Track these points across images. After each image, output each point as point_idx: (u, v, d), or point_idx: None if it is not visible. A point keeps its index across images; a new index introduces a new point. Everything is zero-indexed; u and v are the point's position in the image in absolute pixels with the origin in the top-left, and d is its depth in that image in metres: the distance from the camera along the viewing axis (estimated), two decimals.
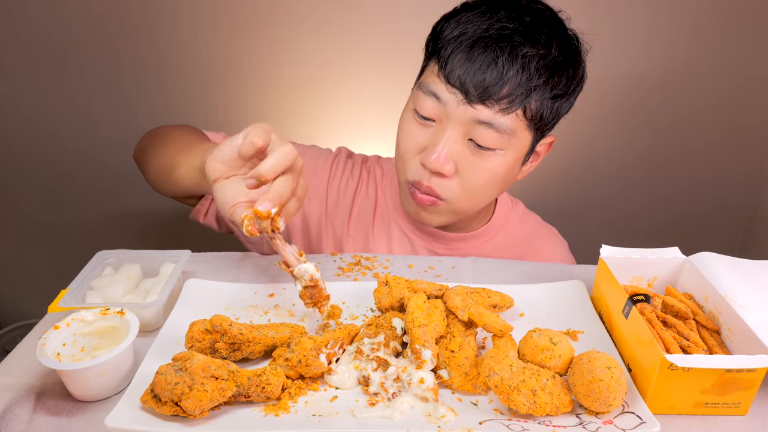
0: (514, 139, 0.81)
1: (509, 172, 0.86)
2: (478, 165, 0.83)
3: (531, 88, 0.78)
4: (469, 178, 0.84)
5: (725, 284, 0.71)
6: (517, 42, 0.77)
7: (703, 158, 1.91)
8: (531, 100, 0.79)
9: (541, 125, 0.84)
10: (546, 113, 0.82)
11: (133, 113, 1.91)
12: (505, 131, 0.80)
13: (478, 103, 0.78)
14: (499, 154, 0.82)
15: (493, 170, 0.83)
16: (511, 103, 0.78)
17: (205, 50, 1.81)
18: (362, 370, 0.63)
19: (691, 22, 1.70)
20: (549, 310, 0.76)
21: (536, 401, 0.56)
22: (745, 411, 0.59)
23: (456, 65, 0.78)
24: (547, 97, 0.80)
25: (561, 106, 0.83)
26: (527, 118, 0.81)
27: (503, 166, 0.84)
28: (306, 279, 0.69)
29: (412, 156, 0.86)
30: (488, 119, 0.79)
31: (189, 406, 0.54)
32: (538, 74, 0.78)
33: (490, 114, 0.78)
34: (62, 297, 0.69)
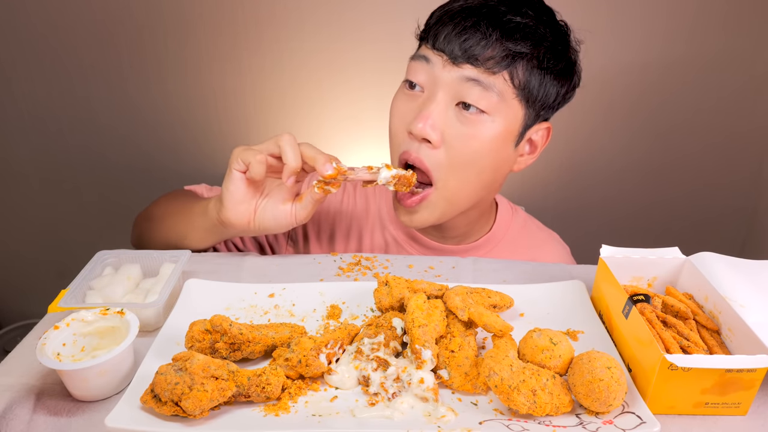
0: (503, 104, 0.81)
1: (499, 148, 0.84)
2: (465, 133, 0.81)
3: (516, 53, 0.79)
4: (456, 146, 0.82)
5: (725, 284, 0.71)
6: (501, 11, 0.79)
7: (703, 159, 1.92)
8: (517, 65, 0.79)
9: (532, 100, 0.82)
10: (535, 85, 0.81)
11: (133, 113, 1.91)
12: (493, 90, 0.79)
13: (464, 63, 0.79)
14: (487, 120, 0.81)
15: (481, 139, 0.81)
16: (497, 64, 0.79)
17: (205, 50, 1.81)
18: (362, 370, 0.63)
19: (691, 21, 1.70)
20: (549, 310, 0.76)
21: (536, 401, 0.56)
22: (745, 411, 0.59)
23: (441, 31, 0.81)
24: (534, 67, 0.80)
25: (550, 84, 0.83)
26: (515, 86, 0.80)
27: (492, 136, 0.82)
28: (390, 179, 0.80)
29: (402, 129, 0.85)
30: (475, 76, 0.79)
31: (189, 406, 0.54)
32: (523, 41, 0.79)
33: (476, 72, 0.79)
34: (62, 297, 0.69)
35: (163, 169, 2.00)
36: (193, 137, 1.95)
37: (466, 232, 1.00)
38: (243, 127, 1.93)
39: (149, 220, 0.99)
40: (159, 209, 0.98)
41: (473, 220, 0.98)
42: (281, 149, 0.78)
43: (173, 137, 1.95)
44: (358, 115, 1.86)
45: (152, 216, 0.99)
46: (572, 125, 1.86)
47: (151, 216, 0.99)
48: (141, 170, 2.00)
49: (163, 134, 1.95)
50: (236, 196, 0.80)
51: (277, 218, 0.83)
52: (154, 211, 0.99)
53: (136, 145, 1.96)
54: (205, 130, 1.94)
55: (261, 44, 1.79)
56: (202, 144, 1.96)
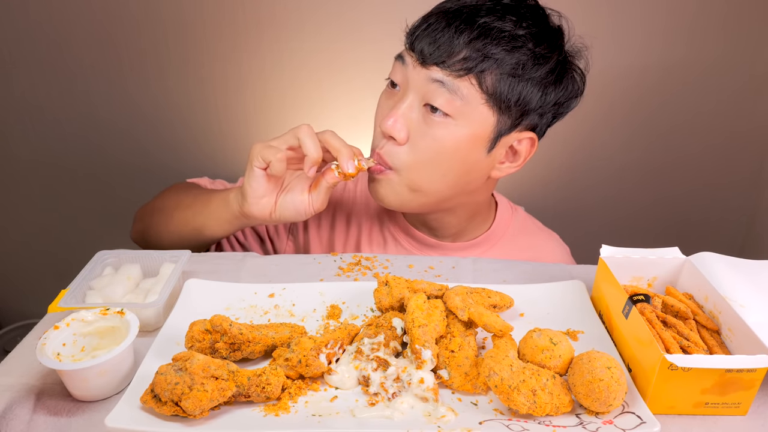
0: (468, 109, 0.80)
1: (466, 152, 0.83)
2: (428, 133, 0.82)
3: (485, 56, 0.77)
4: (420, 146, 0.83)
5: (725, 284, 0.71)
6: (482, 14, 0.79)
7: (703, 159, 1.91)
8: (485, 69, 0.78)
9: (505, 107, 0.81)
10: (505, 91, 0.79)
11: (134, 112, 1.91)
12: (456, 93, 0.79)
13: (432, 65, 0.79)
14: (451, 123, 0.81)
15: (442, 140, 0.81)
16: (463, 67, 0.78)
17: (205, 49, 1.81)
18: (362, 370, 0.63)
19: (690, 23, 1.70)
20: (549, 310, 0.76)
21: (536, 401, 0.56)
22: (745, 411, 0.59)
23: (415, 31, 0.82)
24: (505, 73, 0.79)
25: (528, 91, 0.81)
26: (483, 91, 0.79)
27: (454, 139, 0.81)
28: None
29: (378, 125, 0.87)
30: (441, 78, 0.79)
31: (189, 406, 0.54)
32: (494, 45, 0.78)
33: (442, 74, 0.79)
34: (62, 297, 0.69)
35: (163, 168, 2.00)
36: (193, 136, 1.95)
37: (461, 230, 0.99)
38: (243, 126, 1.93)
39: (157, 212, 1.00)
40: (169, 201, 1.00)
41: (464, 219, 0.97)
42: (301, 141, 0.81)
43: (173, 136, 1.95)
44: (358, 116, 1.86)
45: (161, 208, 0.99)
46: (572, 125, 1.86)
47: (159, 208, 1.00)
48: (141, 169, 2.00)
49: (163, 133, 1.95)
50: (258, 192, 0.83)
51: (297, 209, 0.86)
52: (162, 204, 1.00)
53: (137, 144, 1.96)
54: (205, 129, 1.94)
55: (261, 43, 1.79)
56: (202, 143, 1.96)
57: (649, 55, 1.75)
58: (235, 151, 1.97)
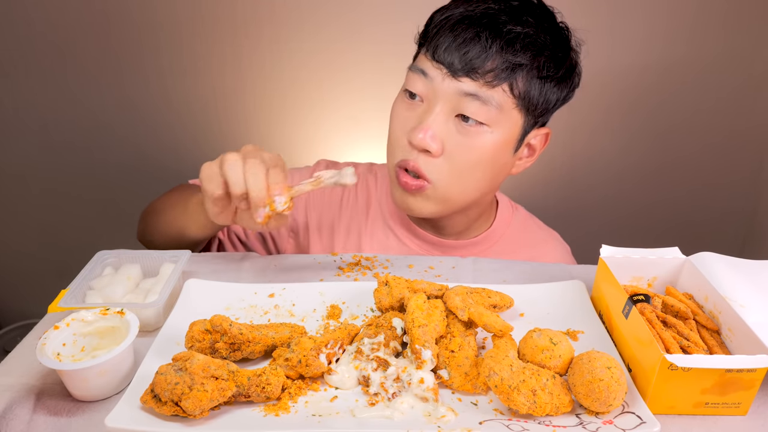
0: (502, 116, 0.81)
1: (498, 156, 0.84)
2: (465, 143, 0.82)
3: (516, 64, 0.78)
4: (456, 157, 0.82)
5: (725, 284, 0.71)
6: (502, 20, 0.78)
7: (703, 159, 1.92)
8: (517, 76, 0.79)
9: (532, 108, 0.83)
10: (534, 94, 0.81)
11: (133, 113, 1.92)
12: (491, 104, 0.79)
13: (463, 76, 0.79)
14: (486, 131, 0.81)
15: (480, 149, 0.82)
16: (496, 77, 0.78)
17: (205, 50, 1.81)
18: (362, 370, 0.63)
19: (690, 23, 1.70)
20: (549, 310, 0.76)
21: (536, 401, 0.56)
22: (745, 411, 0.59)
23: (441, 42, 0.79)
24: (534, 77, 0.80)
25: (550, 91, 0.83)
26: (515, 96, 0.80)
27: (491, 146, 0.82)
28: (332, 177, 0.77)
29: (402, 137, 0.85)
30: (474, 91, 0.79)
31: (189, 406, 0.54)
32: (523, 51, 0.78)
33: (475, 86, 0.79)
34: (62, 297, 0.69)
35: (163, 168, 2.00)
36: (192, 137, 1.95)
37: (465, 229, 1.00)
38: (243, 126, 1.94)
39: (153, 213, 1.00)
40: (162, 203, 0.99)
41: (473, 218, 0.99)
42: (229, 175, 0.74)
43: (173, 137, 1.95)
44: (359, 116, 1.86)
45: (156, 209, 1.00)
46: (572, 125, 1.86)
47: (154, 209, 1.00)
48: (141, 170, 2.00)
49: (162, 134, 1.95)
50: (214, 210, 0.77)
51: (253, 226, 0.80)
52: (158, 205, 1.01)
53: (136, 144, 1.96)
54: (205, 129, 1.94)
55: (261, 44, 1.79)
56: (202, 144, 1.96)
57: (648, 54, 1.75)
58: None
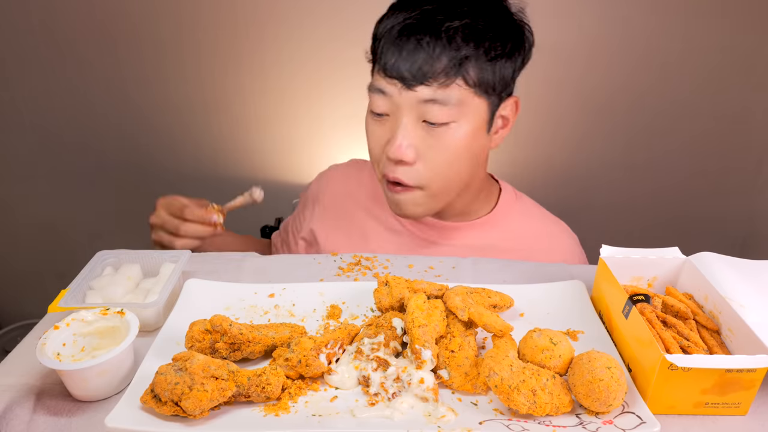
0: (465, 108, 0.83)
1: (473, 143, 0.87)
2: (436, 145, 0.84)
3: (463, 58, 0.80)
4: (432, 158, 0.85)
5: (725, 284, 0.71)
6: (439, 20, 0.80)
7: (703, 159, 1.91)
8: (467, 68, 0.81)
9: (491, 90, 0.84)
10: (489, 77, 0.83)
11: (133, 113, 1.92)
12: (451, 102, 0.81)
13: (417, 85, 0.81)
14: (454, 127, 0.84)
15: (453, 146, 0.85)
16: (448, 76, 0.80)
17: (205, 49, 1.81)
18: (362, 370, 0.62)
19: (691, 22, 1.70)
20: (549, 310, 0.76)
21: (536, 401, 0.56)
22: (745, 411, 0.59)
23: (388, 58, 0.82)
24: (484, 62, 0.82)
25: (503, 67, 0.84)
26: (471, 86, 0.82)
27: (463, 139, 0.85)
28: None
29: (380, 152, 0.89)
30: (430, 96, 0.81)
31: (189, 406, 0.54)
32: (466, 43, 0.80)
33: (431, 91, 0.81)
34: (62, 297, 0.69)
35: (162, 169, 2.00)
36: (193, 137, 1.95)
37: (464, 211, 1.01)
38: (243, 126, 1.94)
39: None
40: None
41: (469, 199, 1.00)
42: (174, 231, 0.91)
43: (173, 137, 1.95)
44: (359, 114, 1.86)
45: None
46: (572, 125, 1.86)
47: None
48: (141, 170, 2.00)
49: (162, 134, 1.95)
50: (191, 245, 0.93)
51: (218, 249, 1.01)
52: None
53: (136, 145, 1.96)
54: (205, 130, 1.94)
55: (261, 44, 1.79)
56: (202, 144, 1.96)
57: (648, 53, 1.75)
58: (234, 151, 1.98)
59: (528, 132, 1.89)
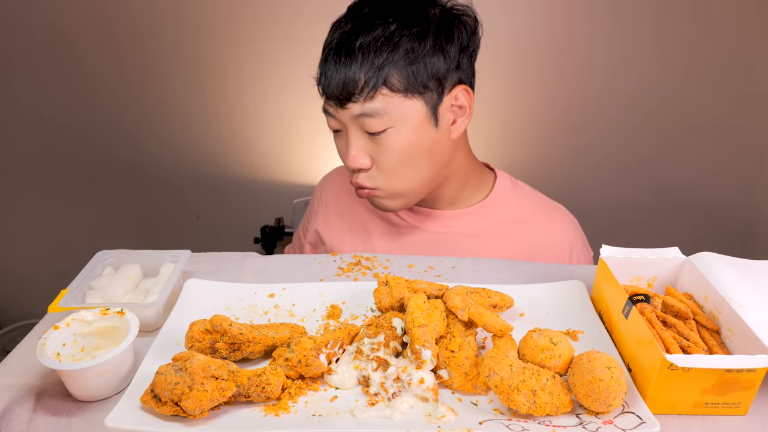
0: (397, 113, 0.85)
1: (419, 141, 0.88)
2: (382, 151, 0.88)
3: (379, 67, 0.82)
4: (383, 161, 0.88)
5: (725, 284, 0.71)
6: (351, 39, 0.83)
7: (703, 159, 1.91)
8: (387, 75, 0.83)
9: (424, 87, 0.85)
10: (416, 78, 0.84)
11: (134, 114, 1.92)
12: (380, 113, 0.84)
13: (348, 103, 0.84)
14: (393, 132, 0.86)
15: (397, 149, 0.87)
16: (371, 88, 0.83)
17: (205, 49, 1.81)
18: (362, 370, 0.63)
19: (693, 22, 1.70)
20: (549, 310, 0.76)
21: (536, 401, 0.56)
22: (745, 411, 0.59)
23: (322, 81, 0.87)
24: (404, 65, 0.83)
25: (432, 62, 0.84)
26: (398, 91, 0.84)
27: (405, 141, 0.87)
28: None
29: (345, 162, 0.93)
30: (360, 111, 0.84)
31: (189, 406, 0.54)
32: (379, 53, 0.82)
33: (359, 107, 0.84)
34: (62, 297, 0.69)
35: (162, 169, 2.01)
36: (192, 138, 1.96)
37: (456, 199, 1.03)
38: (243, 126, 1.94)
39: None
40: None
41: (457, 187, 1.01)
42: None
43: (173, 137, 1.95)
44: None
45: None
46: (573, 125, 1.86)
47: None
48: (141, 170, 2.00)
49: (162, 134, 1.95)
50: None
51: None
52: None
53: (136, 144, 1.96)
54: (205, 130, 1.94)
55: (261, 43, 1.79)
56: (202, 144, 1.96)
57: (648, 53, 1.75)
58: (234, 151, 1.98)
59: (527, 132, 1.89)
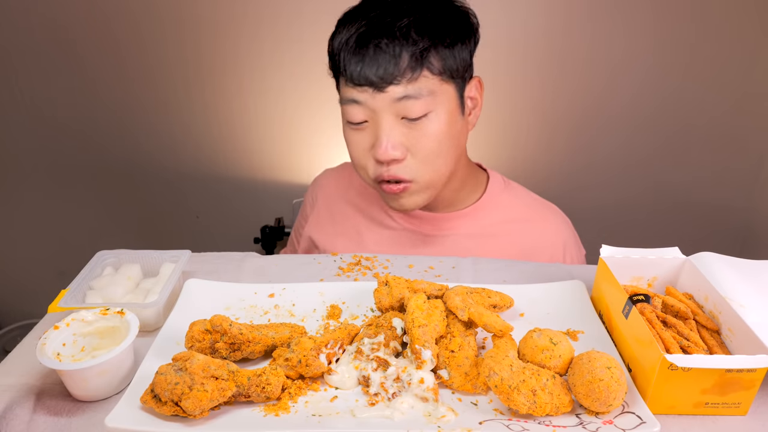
0: (437, 97, 0.85)
1: (452, 127, 0.89)
2: (420, 137, 0.87)
3: (423, 50, 0.82)
4: (420, 150, 0.87)
5: (725, 284, 0.71)
6: (389, 21, 0.83)
7: (703, 159, 1.91)
8: (429, 59, 0.83)
9: (455, 74, 0.87)
10: (451, 63, 0.86)
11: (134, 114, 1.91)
12: (423, 94, 0.84)
13: (387, 86, 0.83)
14: (432, 117, 0.86)
15: (436, 134, 0.87)
16: (413, 71, 0.83)
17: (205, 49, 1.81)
18: (362, 370, 0.63)
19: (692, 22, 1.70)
20: (549, 310, 0.76)
21: (536, 401, 0.56)
22: (745, 411, 0.59)
23: (353, 67, 0.84)
24: (442, 49, 0.84)
25: (460, 51, 0.87)
26: (437, 74, 0.85)
27: (444, 125, 0.87)
28: None
29: (366, 158, 0.90)
30: (403, 93, 0.83)
31: (189, 406, 0.54)
32: (421, 36, 0.83)
33: (402, 89, 0.83)
34: (62, 297, 0.69)
35: (162, 169, 2.00)
36: (193, 138, 1.95)
37: (453, 200, 1.02)
38: (243, 126, 1.94)
39: None
40: None
41: (456, 188, 1.01)
42: None
43: (173, 137, 1.95)
44: None
45: None
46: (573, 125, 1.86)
47: None
48: (141, 170, 2.00)
49: (162, 134, 1.95)
50: None
51: None
52: None
53: (136, 144, 1.96)
54: (205, 130, 1.94)
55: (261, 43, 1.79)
56: (202, 144, 1.96)
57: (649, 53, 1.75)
58: (234, 151, 1.98)
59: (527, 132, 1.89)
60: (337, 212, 1.10)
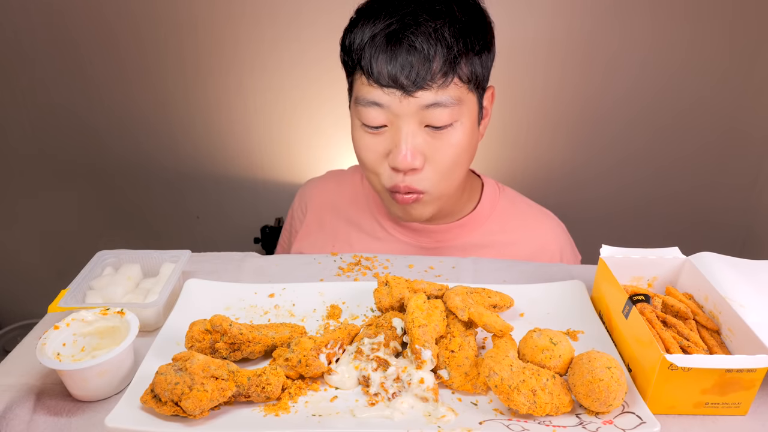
0: (463, 106, 0.82)
1: (472, 138, 0.86)
2: (442, 147, 0.83)
3: (456, 55, 0.78)
4: (440, 161, 0.84)
5: (725, 284, 0.71)
6: (422, 20, 0.77)
7: (703, 159, 1.92)
8: (460, 65, 0.79)
9: (479, 83, 0.84)
10: (478, 71, 0.82)
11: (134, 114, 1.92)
12: (453, 103, 0.80)
13: (417, 90, 0.78)
14: (457, 126, 0.82)
15: (458, 144, 0.83)
16: (446, 76, 0.78)
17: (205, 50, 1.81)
18: (362, 370, 0.63)
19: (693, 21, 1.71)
20: (549, 310, 0.76)
21: (536, 401, 0.56)
22: (745, 411, 0.59)
23: (381, 66, 0.78)
24: (472, 56, 0.81)
25: (486, 59, 0.84)
26: (465, 82, 0.81)
27: (466, 136, 0.84)
28: None
29: (380, 164, 0.86)
30: (433, 100, 0.79)
31: (189, 406, 0.54)
32: (455, 40, 0.78)
33: (432, 95, 0.78)
34: (62, 297, 0.69)
35: (162, 169, 2.01)
36: (193, 138, 1.96)
37: (451, 210, 1.00)
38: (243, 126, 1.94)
39: None
40: None
41: (455, 199, 0.98)
42: None
43: (173, 137, 1.96)
44: None
45: None
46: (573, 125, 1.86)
47: None
48: (141, 170, 2.00)
49: (162, 134, 1.95)
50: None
51: None
52: None
53: (136, 144, 1.96)
54: (205, 130, 1.94)
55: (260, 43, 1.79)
56: (202, 144, 1.97)
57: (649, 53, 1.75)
58: (234, 151, 1.98)
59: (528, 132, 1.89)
60: (327, 223, 1.06)
